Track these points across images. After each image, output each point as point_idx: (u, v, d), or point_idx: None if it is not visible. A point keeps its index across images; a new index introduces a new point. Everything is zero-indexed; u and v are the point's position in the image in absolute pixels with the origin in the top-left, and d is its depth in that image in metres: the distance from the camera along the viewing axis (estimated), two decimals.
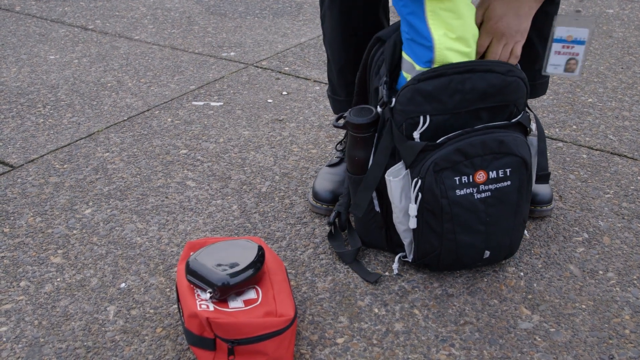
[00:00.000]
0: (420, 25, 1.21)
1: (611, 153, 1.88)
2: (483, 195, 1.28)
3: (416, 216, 1.29)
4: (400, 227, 1.35)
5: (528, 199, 1.35)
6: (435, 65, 1.23)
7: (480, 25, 1.30)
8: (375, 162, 1.33)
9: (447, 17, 1.20)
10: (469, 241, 1.31)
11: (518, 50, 1.32)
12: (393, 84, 1.31)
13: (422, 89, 1.23)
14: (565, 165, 1.81)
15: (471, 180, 1.26)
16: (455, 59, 1.23)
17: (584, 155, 1.86)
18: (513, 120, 1.29)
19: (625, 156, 1.86)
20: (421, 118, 1.25)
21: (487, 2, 1.29)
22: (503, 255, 1.38)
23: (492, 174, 1.27)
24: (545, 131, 2.00)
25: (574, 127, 2.03)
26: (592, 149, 1.90)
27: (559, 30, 1.35)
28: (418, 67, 1.24)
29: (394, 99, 1.27)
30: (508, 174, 1.27)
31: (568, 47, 1.36)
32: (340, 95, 1.62)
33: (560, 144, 1.92)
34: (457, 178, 1.26)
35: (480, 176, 1.26)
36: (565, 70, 1.38)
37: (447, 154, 1.24)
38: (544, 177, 1.36)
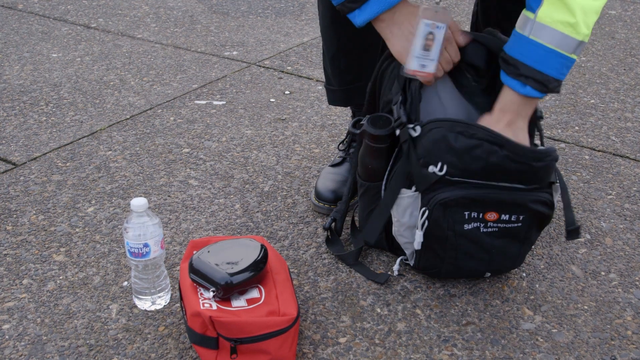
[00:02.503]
0: None
1: (613, 154, 1.88)
2: (490, 230, 1.26)
3: (421, 242, 1.28)
4: (401, 240, 1.34)
5: (539, 232, 1.31)
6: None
7: None
8: (390, 189, 1.31)
9: None
10: (471, 266, 1.30)
11: None
12: (406, 102, 1.28)
13: (449, 140, 1.19)
14: (568, 166, 1.81)
15: (481, 217, 1.24)
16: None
17: (586, 157, 1.86)
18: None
19: (627, 157, 1.86)
20: (439, 164, 1.21)
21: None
22: (504, 272, 1.38)
23: (504, 217, 1.24)
24: (548, 132, 2.00)
25: (576, 128, 2.03)
26: (594, 150, 1.90)
27: (423, 24, 1.23)
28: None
29: (419, 127, 1.22)
30: (520, 219, 1.25)
31: (430, 39, 1.23)
32: (334, 84, 1.61)
33: (563, 145, 1.93)
34: (466, 213, 1.23)
35: (491, 216, 1.24)
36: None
37: (459, 197, 1.21)
38: (573, 232, 1.30)
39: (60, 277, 1.40)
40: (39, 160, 1.85)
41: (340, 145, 1.72)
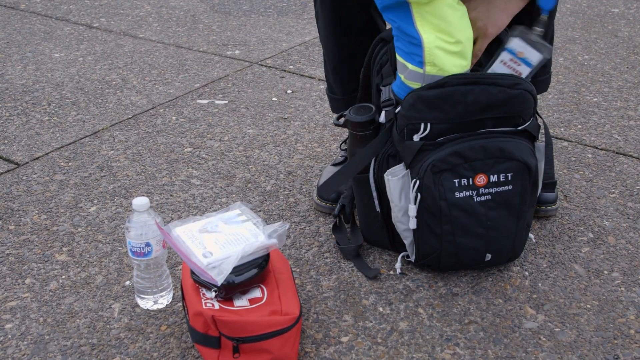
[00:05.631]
0: (409, 29, 1.20)
1: (616, 153, 1.87)
2: (483, 198, 1.27)
3: (415, 217, 1.29)
4: (400, 227, 1.35)
5: (532, 204, 1.33)
6: (426, 65, 1.20)
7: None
8: (361, 153, 1.33)
9: (434, 20, 1.18)
10: (469, 244, 1.30)
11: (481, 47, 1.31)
12: None
13: (424, 96, 1.22)
14: (570, 164, 1.81)
15: (471, 183, 1.25)
16: (446, 58, 1.20)
17: (589, 155, 1.86)
18: (519, 128, 1.27)
19: (630, 156, 1.86)
20: (422, 125, 1.24)
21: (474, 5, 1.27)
22: (505, 258, 1.37)
23: (493, 178, 1.26)
24: (550, 130, 1.99)
25: (579, 126, 2.03)
26: (597, 148, 1.90)
27: (514, 42, 1.29)
28: (410, 66, 1.22)
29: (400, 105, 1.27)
30: (509, 178, 1.26)
31: (515, 62, 1.29)
32: (337, 93, 1.62)
33: (565, 144, 1.92)
34: (456, 180, 1.25)
35: (481, 179, 1.25)
36: None
37: (445, 156, 1.23)
38: (549, 186, 1.33)
39: (63, 277, 1.40)
40: (41, 160, 1.85)
41: (342, 144, 1.71)
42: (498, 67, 1.31)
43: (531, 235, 1.48)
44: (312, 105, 2.18)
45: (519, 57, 1.28)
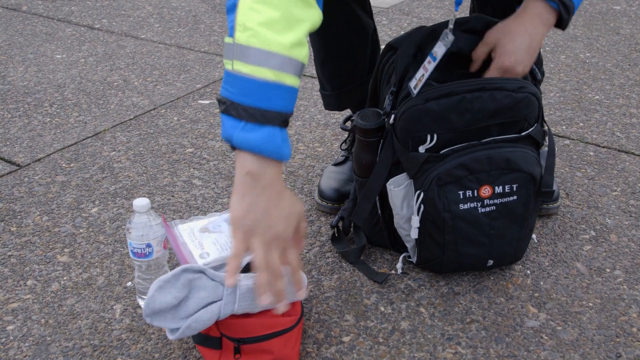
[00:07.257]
0: None
1: (618, 150, 1.87)
2: (487, 209, 1.26)
3: (418, 227, 1.28)
4: (402, 232, 1.35)
5: (536, 210, 1.32)
6: (237, 30, 1.00)
7: (486, 59, 1.26)
8: (375, 173, 1.32)
9: None
10: (472, 252, 1.30)
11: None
12: (400, 94, 1.29)
13: (430, 110, 1.20)
14: (572, 162, 1.81)
15: (476, 195, 1.24)
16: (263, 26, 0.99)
17: (591, 153, 1.86)
18: (523, 134, 1.26)
19: (632, 153, 1.85)
20: (428, 137, 1.23)
21: (494, 39, 1.24)
22: (507, 262, 1.37)
23: (498, 189, 1.24)
24: (552, 128, 1.99)
25: (581, 124, 2.02)
26: (599, 146, 1.89)
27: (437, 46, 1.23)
28: (226, 39, 1.03)
29: (393, 115, 1.26)
30: (515, 189, 1.25)
31: (430, 62, 1.23)
32: (327, 89, 1.62)
33: (567, 142, 1.92)
34: (461, 192, 1.24)
35: (486, 191, 1.24)
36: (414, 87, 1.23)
37: (450, 169, 1.22)
38: (547, 195, 1.31)
39: (64, 278, 1.40)
40: (43, 162, 1.86)
41: (343, 144, 1.71)
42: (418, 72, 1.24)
43: (534, 236, 1.48)
44: (313, 105, 2.18)
45: (433, 57, 1.23)
